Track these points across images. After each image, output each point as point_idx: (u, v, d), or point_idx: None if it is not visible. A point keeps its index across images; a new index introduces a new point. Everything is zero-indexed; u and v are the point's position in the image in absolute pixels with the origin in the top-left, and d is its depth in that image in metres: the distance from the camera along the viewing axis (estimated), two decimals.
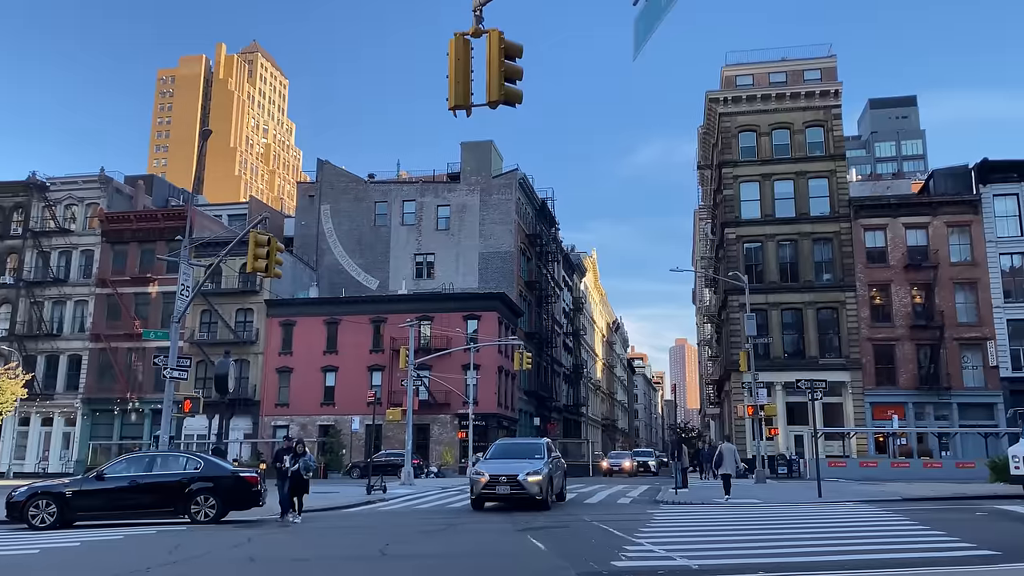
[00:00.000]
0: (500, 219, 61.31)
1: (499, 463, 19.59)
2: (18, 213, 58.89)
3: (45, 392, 55.62)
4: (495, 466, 19.28)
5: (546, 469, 19.17)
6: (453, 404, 51.42)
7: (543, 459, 19.75)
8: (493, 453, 20.92)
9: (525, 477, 18.62)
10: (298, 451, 18.37)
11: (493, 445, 21.80)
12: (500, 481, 18.71)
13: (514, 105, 10.75)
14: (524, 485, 18.55)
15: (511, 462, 19.46)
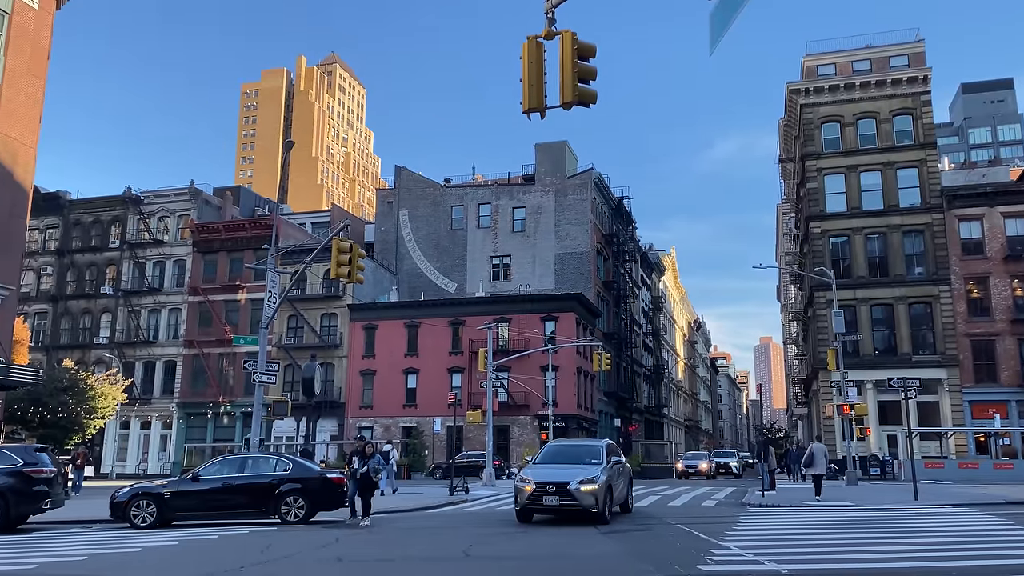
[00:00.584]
0: (576, 219, 61.13)
1: (548, 469, 16.89)
2: (115, 226, 61.90)
3: (143, 397, 58.25)
4: (543, 472, 16.63)
5: (603, 476, 16.16)
6: (533, 405, 51.50)
7: (600, 464, 16.70)
8: (543, 457, 18.06)
9: (577, 486, 15.73)
10: (366, 452, 17.80)
11: (544, 448, 18.93)
12: (548, 490, 15.95)
13: (588, 105, 10.70)
14: (576, 495, 15.73)
15: (563, 468, 16.69)
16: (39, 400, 39.16)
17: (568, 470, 16.37)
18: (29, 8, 33.08)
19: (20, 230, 33.14)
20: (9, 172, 31.82)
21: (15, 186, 32.23)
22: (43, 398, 39.29)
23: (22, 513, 17.06)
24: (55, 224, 62.62)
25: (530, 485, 16.17)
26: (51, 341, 60.18)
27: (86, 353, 58.86)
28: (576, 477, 15.95)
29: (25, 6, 32.86)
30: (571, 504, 15.83)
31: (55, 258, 62.07)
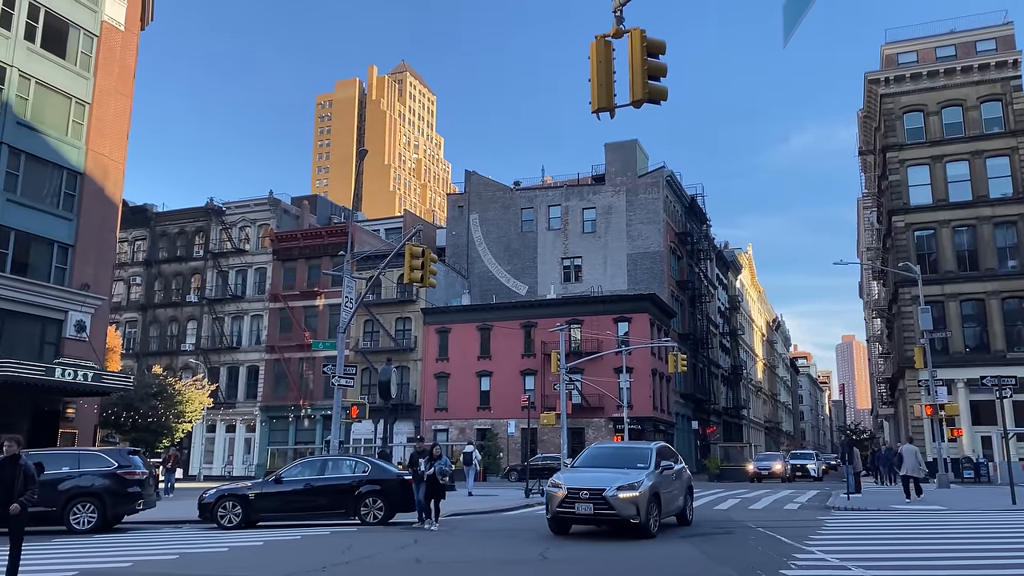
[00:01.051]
0: (648, 219, 60.48)
1: (585, 473, 14.90)
2: (199, 237, 64.23)
3: (228, 401, 60.21)
4: (578, 477, 14.61)
5: (648, 483, 14.04)
6: (607, 408, 51.13)
7: (647, 469, 14.59)
8: (583, 460, 16.09)
9: (615, 493, 13.62)
10: (434, 454, 17.54)
11: (586, 450, 16.86)
12: (580, 497, 13.85)
13: (658, 103, 10.59)
14: (612, 504, 13.58)
15: (602, 472, 14.67)
16: (131, 405, 40.87)
17: (607, 474, 14.37)
18: (116, 30, 34.65)
19: (111, 243, 34.72)
20: (100, 188, 33.37)
21: (106, 201, 33.79)
22: (135, 403, 40.99)
23: (118, 513, 17.82)
24: (143, 236, 65.37)
25: (561, 491, 14.11)
26: (141, 348, 62.80)
27: (174, 359, 61.23)
28: (615, 483, 13.86)
29: (112, 28, 34.44)
30: (607, 513, 13.71)
31: (143, 268, 64.78)
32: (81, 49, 33.08)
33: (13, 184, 29.82)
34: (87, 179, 32.62)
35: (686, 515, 16.72)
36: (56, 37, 32.05)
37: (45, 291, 30.52)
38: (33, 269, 30.55)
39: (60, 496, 16.91)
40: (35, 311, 30.38)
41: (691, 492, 17.37)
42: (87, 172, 32.62)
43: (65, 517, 16.87)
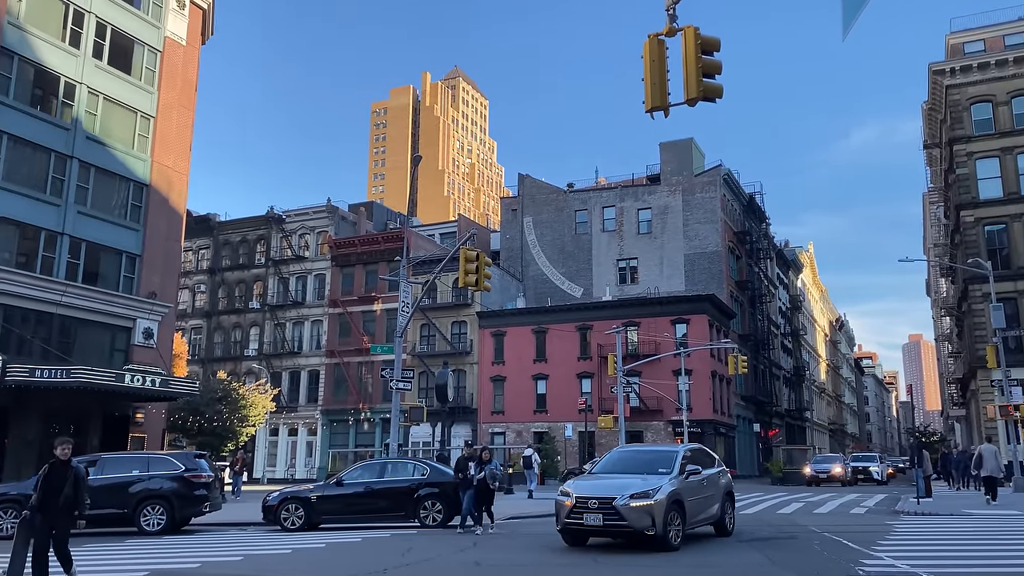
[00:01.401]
0: (705, 218, 59.66)
1: (598, 480, 13.69)
2: (260, 244, 65.69)
3: (290, 405, 61.40)
4: (589, 484, 13.37)
5: (667, 489, 12.67)
6: (666, 411, 50.56)
7: (669, 475, 13.19)
8: (603, 465, 14.87)
9: (626, 501, 12.35)
10: (484, 458, 17.30)
11: (608, 453, 15.57)
12: (589, 507, 12.62)
13: (714, 100, 10.45)
14: (623, 514, 12.31)
15: (618, 478, 13.44)
16: (197, 410, 41.95)
17: (623, 481, 13.13)
18: (178, 45, 35.69)
19: (176, 252, 35.75)
20: (165, 199, 34.40)
21: (171, 211, 34.81)
22: (200, 408, 42.06)
23: (185, 515, 18.30)
24: (207, 245, 67.16)
25: (570, 499, 12.89)
26: (206, 354, 64.49)
27: (237, 364, 62.70)
28: (627, 490, 12.58)
29: (175, 43, 35.49)
30: (618, 524, 12.45)
31: (208, 276, 66.53)
32: (145, 64, 34.17)
33: (84, 197, 30.95)
34: (153, 190, 33.65)
35: (725, 524, 14.96)
36: (122, 54, 33.17)
37: (115, 300, 31.56)
38: (103, 279, 31.63)
39: (131, 498, 17.44)
40: (105, 319, 31.45)
41: (732, 499, 15.62)
42: (152, 184, 33.65)
43: (136, 519, 17.38)
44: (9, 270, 27.97)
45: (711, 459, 15.51)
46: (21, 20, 29.30)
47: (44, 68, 30.13)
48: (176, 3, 35.52)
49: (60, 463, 9.47)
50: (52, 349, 28.78)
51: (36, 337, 28.81)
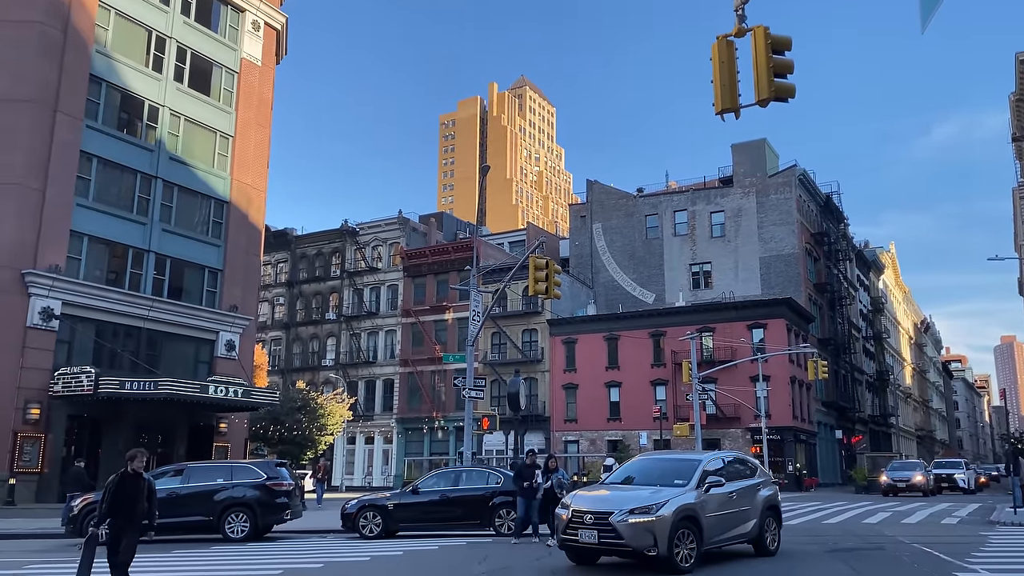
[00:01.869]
0: (780, 220, 58.29)
1: (604, 492, 12.56)
2: (335, 257, 67.19)
3: (366, 414, 62.47)
4: (590, 497, 12.22)
5: (677, 504, 11.32)
6: (744, 418, 49.46)
7: (685, 487, 11.88)
8: (617, 474, 13.62)
9: (623, 518, 11.12)
10: (550, 467, 17.02)
11: (629, 462, 14.24)
12: (584, 522, 11.49)
13: (786, 100, 10.23)
14: (620, 531, 11.07)
15: (625, 490, 12.27)
16: (277, 419, 43.09)
17: (627, 494, 11.99)
18: (254, 66, 36.89)
19: (256, 266, 36.88)
20: (244, 215, 35.53)
21: (250, 227, 35.94)
22: (280, 417, 43.19)
23: (267, 523, 18.76)
24: (284, 259, 69.05)
25: (567, 513, 11.85)
26: (285, 364, 66.23)
27: (315, 374, 64.17)
28: (627, 504, 11.34)
29: (251, 64, 36.69)
30: (614, 543, 11.22)
31: (286, 289, 68.37)
32: (224, 86, 35.44)
33: (168, 215, 32.25)
34: (232, 207, 34.82)
35: (764, 542, 13.27)
36: (201, 76, 34.50)
37: (198, 313, 32.73)
38: (187, 293, 32.87)
39: (216, 506, 17.97)
40: (190, 332, 32.65)
41: (776, 514, 13.77)
42: (232, 201, 34.83)
43: (221, 526, 17.90)
44: (100, 287, 29.32)
45: (749, 469, 13.87)
46: (108, 48, 30.78)
47: (129, 93, 31.56)
48: (251, 25, 36.75)
49: (132, 475, 9.33)
50: (140, 362, 30.02)
51: (125, 351, 30.10)
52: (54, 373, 27.19)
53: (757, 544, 13.29)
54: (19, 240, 26.93)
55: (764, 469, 14.44)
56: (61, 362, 27.83)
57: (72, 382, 26.81)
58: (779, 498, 14.11)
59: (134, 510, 9.23)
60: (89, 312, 28.92)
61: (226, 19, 35.95)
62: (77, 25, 29.31)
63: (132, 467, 9.36)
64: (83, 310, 28.70)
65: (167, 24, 33.03)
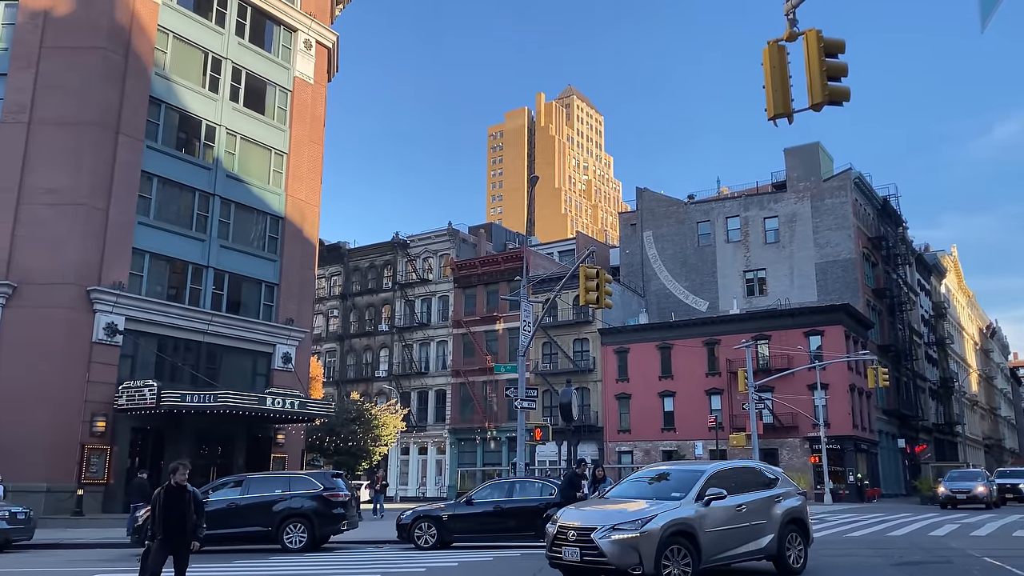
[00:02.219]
0: (836, 224, 57.10)
1: (597, 506, 12.18)
2: (387, 269, 68.01)
3: (419, 424, 62.93)
4: (580, 512, 11.65)
5: (669, 517, 10.69)
6: (802, 427, 48.42)
7: (681, 500, 11.23)
8: (619, 487, 13.09)
9: (606, 535, 10.52)
10: (597, 476, 16.89)
11: (634, 474, 13.59)
12: (568, 538, 10.94)
13: (840, 104, 10.05)
14: (602, 549, 10.48)
15: (617, 504, 11.72)
16: (333, 430, 43.68)
17: (615, 508, 11.37)
18: (307, 84, 37.65)
19: (310, 280, 37.52)
20: (299, 229, 36.21)
21: (304, 241, 36.60)
22: (336, 428, 43.77)
23: (325, 533, 19.01)
24: (338, 272, 70.14)
25: (553, 528, 11.40)
26: (340, 376, 67.15)
27: (369, 386, 64.93)
28: (611, 520, 10.72)
29: (303, 82, 37.46)
30: (596, 561, 10.57)
31: (339, 301, 69.40)
32: (277, 104, 36.25)
33: (225, 231, 33.05)
34: (287, 222, 35.53)
35: (786, 560, 12.23)
36: (255, 95, 35.34)
37: (256, 327, 33.42)
38: (245, 307, 33.60)
39: (275, 517, 18.28)
40: (248, 345, 33.34)
41: (801, 528, 12.61)
42: (287, 216, 35.54)
43: (279, 536, 18.20)
44: (162, 302, 30.16)
45: (765, 480, 12.73)
46: (167, 70, 31.75)
47: (187, 113, 32.49)
48: (303, 44, 37.53)
49: (176, 488, 9.28)
50: (200, 375, 30.75)
51: (186, 364, 30.88)
52: (118, 387, 28.01)
53: (777, 561, 12.27)
54: (84, 259, 27.87)
55: (786, 480, 13.31)
56: (125, 376, 28.66)
57: (136, 395, 27.58)
58: (806, 511, 13.05)
59: (183, 523, 9.22)
60: (151, 327, 29.76)
61: (279, 39, 36.79)
62: (137, 50, 30.31)
63: (175, 480, 9.31)
64: (145, 325, 29.55)
65: (223, 46, 33.95)
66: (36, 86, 28.73)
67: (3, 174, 27.95)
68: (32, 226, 27.63)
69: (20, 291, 27.06)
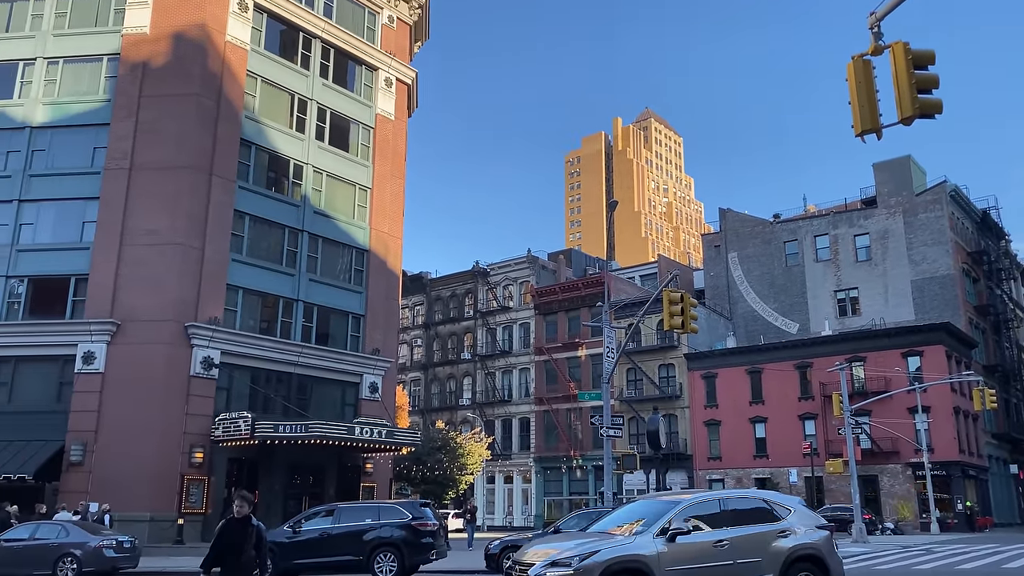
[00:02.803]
0: (932, 240, 54.73)
1: (556, 540, 11.67)
2: (468, 298, 68.68)
3: (504, 453, 62.88)
4: (532, 548, 11.25)
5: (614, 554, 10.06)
6: (903, 452, 46.20)
7: (642, 534, 10.50)
8: (608, 517, 12.41)
9: (541, 571, 10.08)
10: None
11: (630, 503, 13.14)
12: (514, 572, 10.78)
13: (932, 117, 9.65)
14: None
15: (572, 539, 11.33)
16: (419, 459, 44.03)
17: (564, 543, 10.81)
18: (388, 120, 38.65)
19: (395, 310, 38.20)
20: (383, 261, 36.99)
21: (388, 273, 37.35)
22: (422, 457, 44.11)
23: (414, 563, 19.08)
24: (420, 301, 71.24)
25: (508, 563, 11.15)
26: (424, 405, 67.89)
27: (453, 414, 65.39)
28: (552, 556, 10.23)
29: (385, 119, 38.47)
30: None
31: (423, 331, 70.39)
32: (360, 141, 37.33)
33: (313, 266, 34.06)
34: (372, 255, 36.37)
35: None
36: (339, 133, 36.50)
37: (343, 357, 34.18)
38: (333, 339, 34.44)
39: (365, 546, 18.47)
40: (336, 376, 34.11)
41: (819, 569, 11.29)
42: (371, 249, 36.39)
43: (370, 566, 18.36)
44: (254, 336, 31.21)
45: (765, 512, 11.48)
46: (256, 113, 33.14)
47: (276, 153, 33.79)
48: (384, 82, 38.60)
49: (238, 521, 8.84)
50: (291, 406, 31.58)
51: (278, 395, 31.78)
52: (215, 418, 29.01)
53: None
54: (182, 296, 29.11)
55: (805, 512, 11.97)
56: (221, 408, 29.66)
57: (231, 427, 28.49)
58: (829, 547, 11.48)
59: (239, 558, 8.74)
60: (244, 360, 30.79)
61: (361, 78, 37.94)
62: (228, 95, 31.75)
63: (235, 512, 8.93)
64: (239, 358, 30.59)
65: (308, 87, 35.24)
66: (136, 133, 30.40)
67: (108, 217, 29.60)
68: (134, 266, 29.08)
69: (124, 328, 28.45)
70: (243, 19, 32.75)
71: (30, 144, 31.21)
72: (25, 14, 32.88)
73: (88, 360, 28.09)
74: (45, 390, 28.84)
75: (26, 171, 30.90)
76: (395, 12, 39.82)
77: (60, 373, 28.72)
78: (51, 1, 32.79)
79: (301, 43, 35.33)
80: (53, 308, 29.55)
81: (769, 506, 11.59)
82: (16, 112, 31.66)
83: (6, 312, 29.61)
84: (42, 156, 31.18)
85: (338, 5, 37.17)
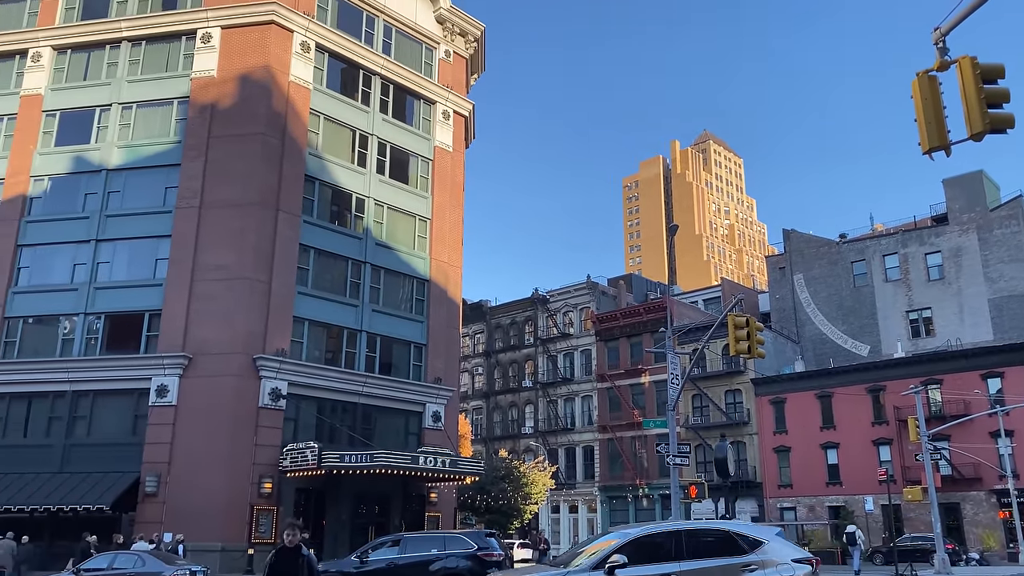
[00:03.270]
0: (1009, 256, 52.63)
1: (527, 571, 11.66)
2: (528, 325, 68.66)
3: (568, 482, 62.27)
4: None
5: None
6: (986, 478, 44.14)
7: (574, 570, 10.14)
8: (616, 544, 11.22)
9: None
10: None
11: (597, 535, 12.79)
12: None
13: (1004, 131, 9.35)
14: None
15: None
16: (483, 488, 43.87)
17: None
18: (446, 152, 39.23)
19: (456, 339, 38.43)
20: (443, 290, 37.33)
21: (449, 302, 37.66)
22: (486, 486, 43.93)
23: None
24: (481, 329, 71.51)
25: None
26: (487, 433, 67.84)
27: (516, 442, 65.13)
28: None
29: (443, 151, 39.06)
30: None
31: (484, 359, 70.57)
32: (420, 173, 37.95)
33: (376, 296, 34.59)
34: (432, 285, 36.76)
35: None
36: (399, 166, 37.20)
37: (406, 387, 34.48)
38: (395, 368, 34.80)
39: None
40: (399, 405, 34.41)
41: None
42: (432, 279, 36.79)
43: None
44: (320, 367, 31.76)
45: (732, 545, 10.64)
46: (319, 149, 34.04)
47: (339, 188, 34.58)
48: (442, 115, 39.26)
49: (288, 550, 8.95)
50: (356, 435, 31.93)
51: (343, 425, 32.20)
52: (282, 449, 29.52)
53: None
54: (250, 329, 29.86)
55: (785, 544, 11.03)
56: (288, 438, 30.17)
57: (298, 457, 28.94)
58: None
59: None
60: (310, 390, 31.33)
61: (419, 112, 38.67)
62: (292, 133, 32.70)
63: (286, 541, 9.00)
64: (305, 389, 31.14)
65: (369, 123, 36.06)
66: (205, 173, 31.53)
67: (179, 254, 30.67)
68: (204, 300, 29.98)
69: (195, 361, 29.29)
70: (306, 59, 33.79)
71: (106, 186, 32.67)
72: (101, 63, 34.59)
73: (162, 393, 28.97)
74: (121, 423, 29.80)
75: (103, 212, 32.32)
76: (451, 47, 40.56)
77: (135, 406, 29.68)
78: (125, 49, 34.42)
79: (361, 80, 36.24)
80: (128, 343, 30.64)
81: (736, 539, 10.73)
82: (93, 156, 33.19)
83: (84, 348, 30.82)
84: (117, 197, 32.59)
85: (396, 42, 38.06)
